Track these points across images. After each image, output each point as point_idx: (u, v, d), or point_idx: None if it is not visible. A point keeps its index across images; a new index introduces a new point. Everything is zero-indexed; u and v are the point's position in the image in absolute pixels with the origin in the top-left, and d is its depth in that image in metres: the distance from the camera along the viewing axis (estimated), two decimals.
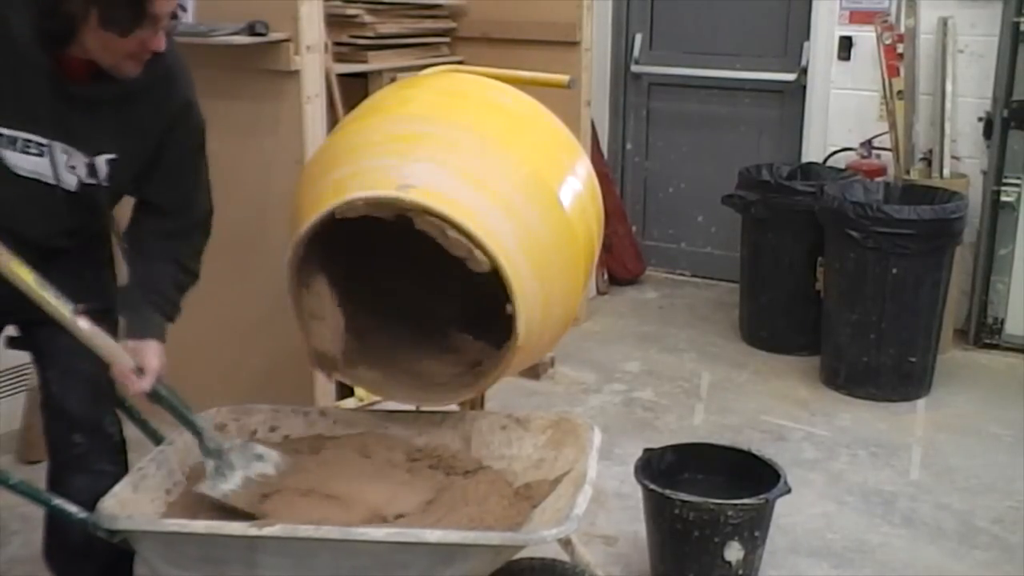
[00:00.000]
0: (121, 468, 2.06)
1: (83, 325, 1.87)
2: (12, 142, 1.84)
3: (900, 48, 4.09)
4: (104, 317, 2.02)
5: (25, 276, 1.82)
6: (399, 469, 2.12)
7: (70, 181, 1.90)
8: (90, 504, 1.88)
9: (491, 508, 1.97)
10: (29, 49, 1.78)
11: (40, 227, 1.94)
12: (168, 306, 2.02)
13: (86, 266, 2.05)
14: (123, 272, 2.09)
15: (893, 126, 4.13)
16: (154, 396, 1.96)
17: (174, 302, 2.04)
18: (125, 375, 1.92)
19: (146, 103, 1.91)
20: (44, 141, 1.85)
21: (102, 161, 1.91)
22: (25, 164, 1.86)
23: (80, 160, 1.89)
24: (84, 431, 2.04)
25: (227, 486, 1.99)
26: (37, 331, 2.01)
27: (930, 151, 4.15)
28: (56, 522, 2.07)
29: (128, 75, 1.84)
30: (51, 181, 1.88)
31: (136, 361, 1.92)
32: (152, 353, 1.95)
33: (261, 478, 2.03)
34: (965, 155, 4.19)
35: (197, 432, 2.02)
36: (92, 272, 2.07)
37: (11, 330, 2.09)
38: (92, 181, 1.92)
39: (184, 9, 1.87)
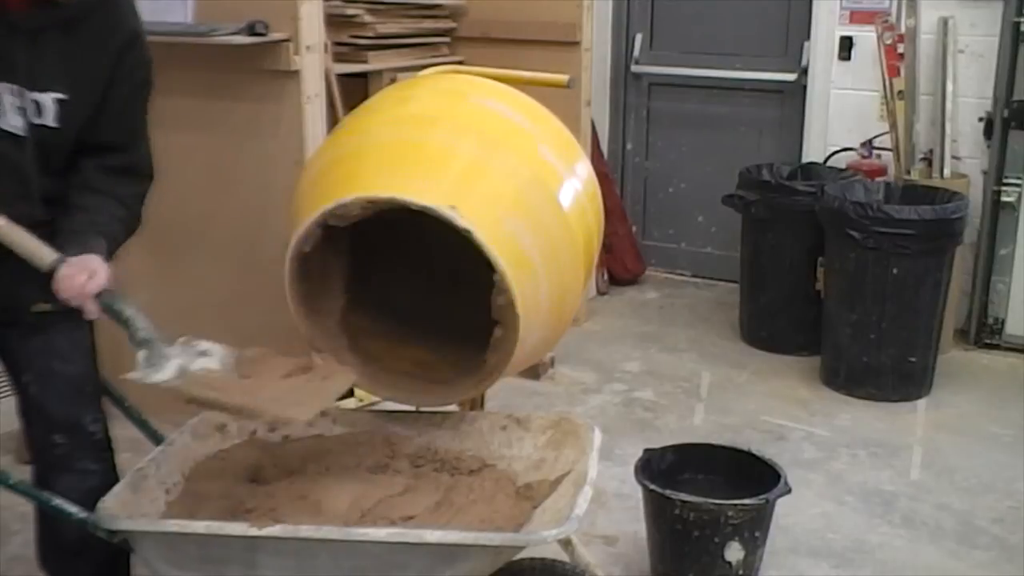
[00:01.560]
0: (106, 465, 2.05)
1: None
2: None
3: (900, 48, 4.10)
4: (73, 317, 1.97)
5: None
6: (404, 474, 2.12)
7: (16, 122, 1.82)
8: (80, 503, 1.87)
9: (499, 507, 1.97)
10: None
11: (10, 190, 1.85)
12: (109, 228, 1.91)
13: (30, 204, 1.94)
14: None
15: (893, 126, 4.13)
16: (99, 301, 1.84)
17: (115, 235, 1.93)
18: (72, 275, 1.80)
19: (89, 32, 1.84)
20: None
21: (49, 99, 1.83)
22: None
23: (27, 98, 1.82)
24: (64, 431, 2.01)
25: (160, 376, 1.87)
26: (4, 335, 1.97)
27: (930, 151, 4.15)
28: (49, 523, 2.06)
29: None
30: (4, 127, 1.80)
31: (81, 266, 1.81)
32: (96, 260, 1.84)
33: (204, 371, 1.93)
34: (965, 155, 4.19)
35: (125, 322, 1.87)
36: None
37: None
38: (39, 121, 1.83)
39: None
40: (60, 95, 1.84)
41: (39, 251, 1.82)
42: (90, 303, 1.84)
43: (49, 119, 1.85)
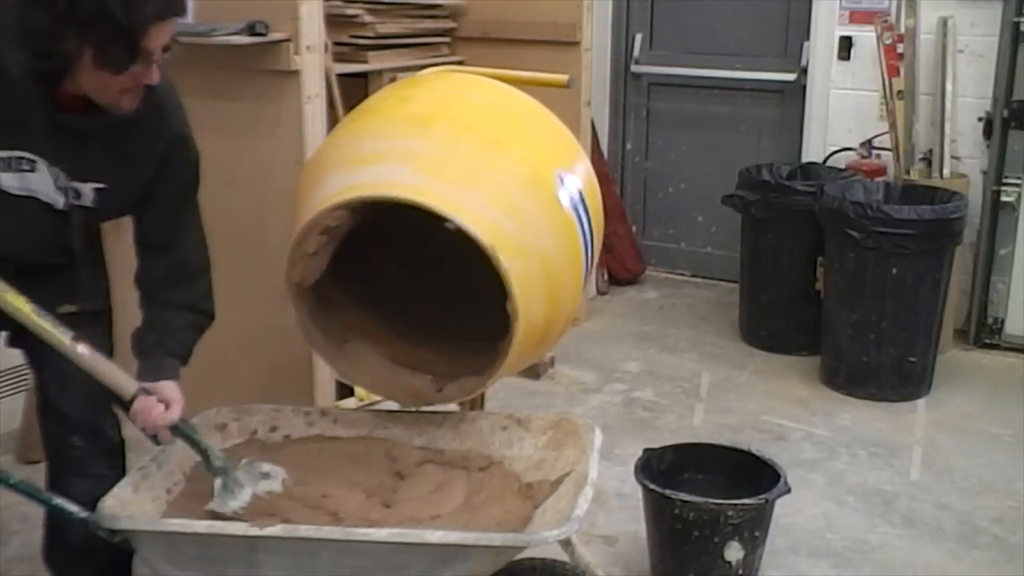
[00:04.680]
0: (119, 472, 2.06)
1: (83, 351, 1.87)
2: (7, 163, 1.83)
3: (900, 48, 4.09)
4: (98, 318, 2.02)
5: (22, 306, 1.84)
6: (428, 478, 2.13)
7: (58, 200, 1.89)
8: (90, 508, 1.88)
9: (511, 507, 1.97)
10: (22, 83, 1.77)
11: (35, 246, 1.94)
12: (180, 347, 2.02)
13: (79, 266, 2.02)
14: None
15: (893, 126, 4.13)
16: (176, 429, 1.97)
17: (186, 343, 2.04)
18: (148, 407, 1.91)
19: (137, 135, 1.90)
20: (35, 157, 1.84)
21: (88, 188, 1.90)
22: (17, 182, 1.85)
23: (67, 184, 1.89)
24: (83, 434, 2.03)
25: (236, 503, 1.99)
26: (30, 335, 1.97)
27: (930, 151, 4.15)
28: (55, 522, 2.06)
29: (124, 110, 1.83)
30: (43, 199, 1.88)
31: (159, 396, 1.93)
32: (172, 389, 1.96)
33: (268, 495, 2.03)
34: (965, 155, 4.19)
35: (203, 451, 2.02)
36: (85, 272, 2.04)
37: (6, 335, 2.07)
38: (77, 203, 1.91)
39: (177, 41, 1.85)
40: (99, 185, 1.91)
41: (120, 382, 1.92)
42: (165, 432, 1.96)
43: (87, 202, 1.92)
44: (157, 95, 1.88)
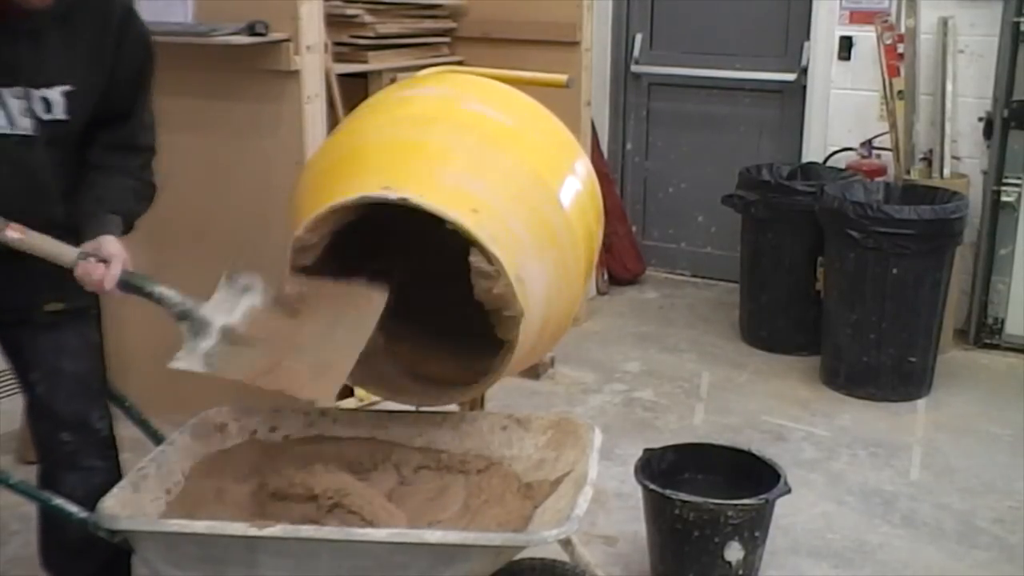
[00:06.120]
0: (111, 463, 2.05)
1: (13, 235, 1.80)
2: None
3: (900, 48, 4.10)
4: (86, 315, 2.00)
5: None
6: (429, 483, 2.12)
7: (25, 124, 1.83)
8: (84, 501, 1.87)
9: (512, 508, 1.97)
10: None
11: (28, 194, 1.87)
12: (122, 204, 1.94)
13: (55, 212, 1.95)
14: None
15: (893, 126, 4.13)
16: (124, 284, 1.87)
17: (128, 205, 1.95)
18: (89, 271, 1.82)
19: (86, 17, 1.85)
20: None
21: (56, 93, 1.84)
22: None
23: (35, 97, 1.83)
24: (72, 429, 2.02)
25: (209, 343, 1.89)
26: (15, 334, 1.99)
27: (930, 151, 4.15)
28: (52, 522, 2.06)
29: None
30: (7, 131, 1.82)
31: (98, 256, 1.83)
32: (112, 243, 1.86)
33: (249, 312, 1.94)
34: (965, 155, 4.19)
35: (158, 299, 1.90)
36: (53, 204, 1.95)
37: None
38: (49, 117, 1.85)
39: None
40: (67, 87, 1.85)
41: (60, 252, 1.84)
42: (113, 291, 1.85)
43: (59, 113, 1.86)
44: None
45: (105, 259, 1.84)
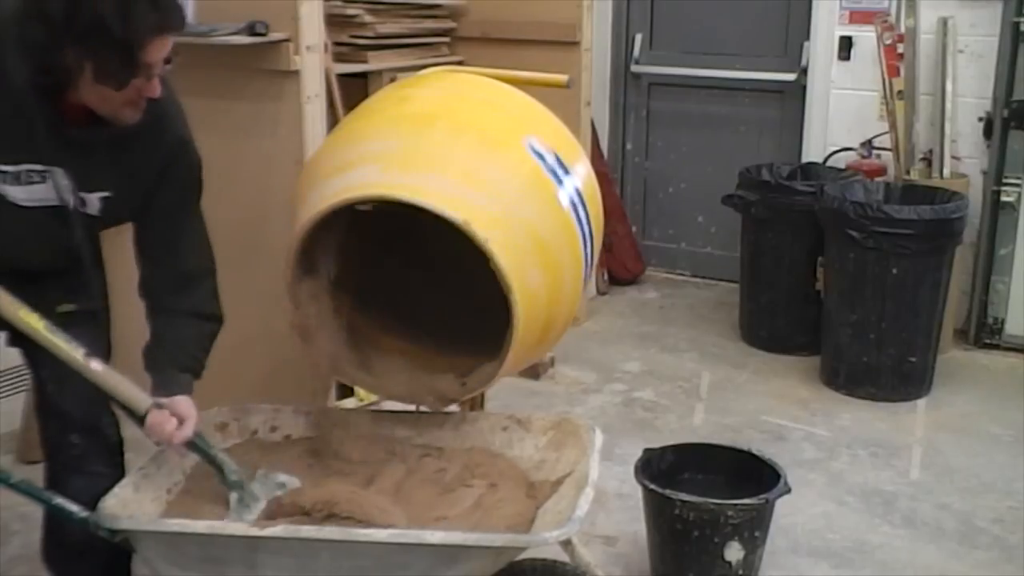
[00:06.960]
0: (118, 470, 2.06)
1: (96, 367, 1.88)
2: (16, 177, 1.84)
3: (900, 48, 4.10)
4: (96, 317, 2.02)
5: (35, 323, 1.85)
6: (435, 483, 2.12)
7: (69, 200, 1.90)
8: (89, 506, 1.88)
9: (522, 508, 1.97)
10: (26, 96, 1.77)
11: (42, 254, 1.94)
12: (192, 361, 2.02)
13: (82, 269, 2.02)
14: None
15: (893, 126, 4.13)
16: (190, 444, 1.98)
17: (197, 356, 2.03)
18: (162, 423, 1.91)
19: (140, 145, 1.91)
20: (43, 168, 1.85)
21: (94, 198, 1.91)
22: (28, 194, 1.86)
23: (75, 193, 1.89)
24: (82, 432, 2.03)
25: (252, 517, 1.99)
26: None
27: (930, 151, 4.15)
28: (55, 522, 2.06)
29: (127, 122, 1.83)
30: (55, 203, 1.88)
31: (171, 410, 1.93)
32: (186, 404, 1.96)
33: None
34: (965, 155, 4.19)
35: (219, 466, 2.03)
36: (86, 273, 2.02)
37: (5, 335, 2.07)
38: (83, 210, 1.92)
39: (178, 53, 1.85)
40: (105, 194, 1.92)
41: (134, 397, 1.93)
42: (180, 448, 1.99)
43: (93, 211, 1.93)
44: (159, 104, 1.88)
45: (178, 416, 1.93)
